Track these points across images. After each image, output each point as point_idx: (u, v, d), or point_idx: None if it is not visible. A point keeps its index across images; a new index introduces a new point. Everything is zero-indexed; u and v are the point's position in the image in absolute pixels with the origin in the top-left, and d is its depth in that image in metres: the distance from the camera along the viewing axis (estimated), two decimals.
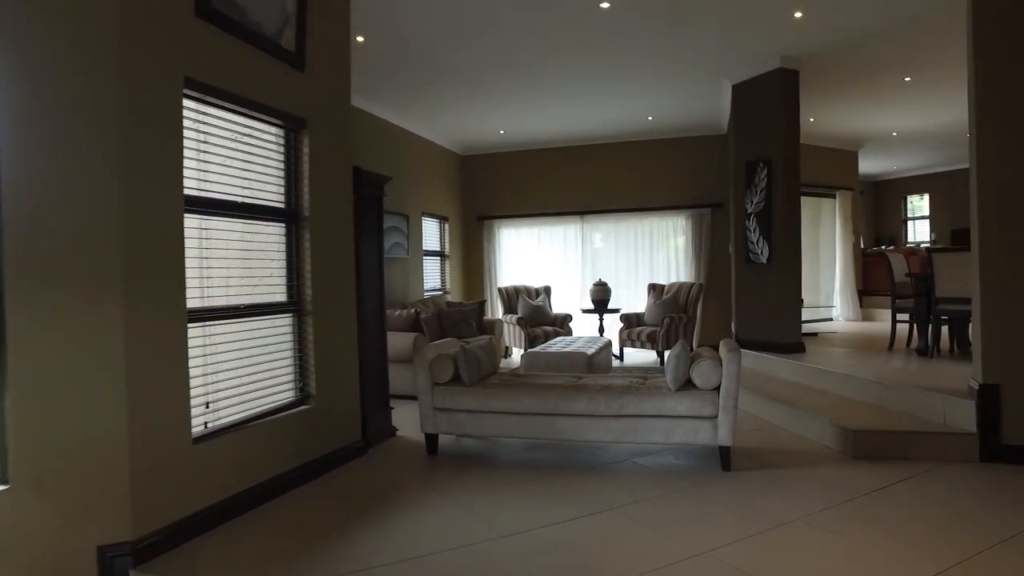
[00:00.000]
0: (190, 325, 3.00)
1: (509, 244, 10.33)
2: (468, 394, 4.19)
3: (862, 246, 11.11)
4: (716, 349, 4.32)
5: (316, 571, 2.61)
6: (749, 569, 2.53)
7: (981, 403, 3.83)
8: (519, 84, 6.94)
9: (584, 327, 9.45)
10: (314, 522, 3.18)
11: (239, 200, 3.46)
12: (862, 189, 11.82)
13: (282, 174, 3.88)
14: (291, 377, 3.86)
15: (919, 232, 13.63)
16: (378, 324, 4.89)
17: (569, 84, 6.99)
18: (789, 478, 3.66)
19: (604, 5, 4.92)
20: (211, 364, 3.21)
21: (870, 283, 10.71)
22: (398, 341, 6.09)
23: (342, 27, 4.38)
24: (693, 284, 8.62)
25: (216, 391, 3.23)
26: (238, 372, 3.40)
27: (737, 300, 7.33)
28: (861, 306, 10.15)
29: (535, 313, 8.97)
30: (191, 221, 3.05)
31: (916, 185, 13.42)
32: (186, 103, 3.00)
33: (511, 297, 9.27)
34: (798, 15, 5.18)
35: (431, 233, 9.37)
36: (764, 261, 6.52)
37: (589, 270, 9.84)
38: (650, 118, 8.53)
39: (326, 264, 4.08)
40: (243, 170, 3.51)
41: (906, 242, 13.39)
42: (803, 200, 6.85)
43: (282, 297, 3.85)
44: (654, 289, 8.94)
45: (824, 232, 10.00)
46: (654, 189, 9.53)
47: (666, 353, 8.26)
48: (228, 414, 3.30)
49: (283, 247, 3.87)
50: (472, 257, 10.38)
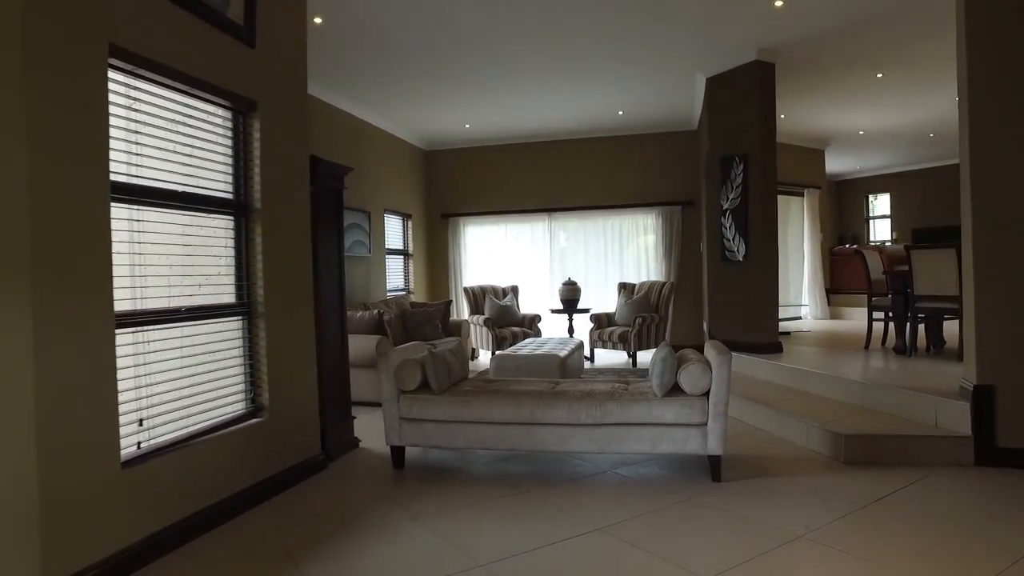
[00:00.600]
0: (120, 331, 2.61)
1: (475, 242, 10.00)
2: (438, 403, 3.86)
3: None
4: (690, 350, 4.09)
5: None
6: None
7: (975, 405, 3.68)
8: (486, 74, 6.62)
9: (553, 328, 9.19)
10: (266, 552, 2.81)
11: (179, 189, 3.06)
12: (826, 188, 11.86)
13: (230, 162, 3.49)
14: (241, 387, 3.48)
15: (879, 231, 13.79)
16: (338, 327, 4.52)
17: (537, 74, 6.70)
18: (783, 488, 3.43)
19: None
20: (146, 375, 2.81)
21: (836, 281, 10.74)
22: (360, 344, 5.72)
23: (298, 1, 4.00)
24: (664, 283, 8.44)
25: (152, 406, 2.83)
26: (179, 383, 3.00)
27: (711, 299, 7.16)
28: (829, 304, 10.15)
29: (503, 313, 8.67)
30: (120, 211, 2.66)
31: (877, 184, 13.57)
32: (113, 75, 2.60)
33: (477, 297, 8.95)
34: (779, 3, 5.00)
35: (394, 231, 8.98)
36: (740, 259, 6.35)
37: (558, 269, 9.59)
38: (620, 112, 8.31)
39: (280, 261, 3.71)
40: (184, 156, 3.12)
41: (868, 241, 13.53)
42: None
43: (230, 298, 3.46)
44: (624, 288, 8.73)
45: (792, 230, 9.96)
46: (623, 186, 9.33)
47: (638, 354, 8.17)
48: (166, 432, 2.90)
49: (231, 243, 3.48)
50: (437, 256, 10.02)
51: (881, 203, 13.84)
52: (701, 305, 8.94)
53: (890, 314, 6.14)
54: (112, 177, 2.55)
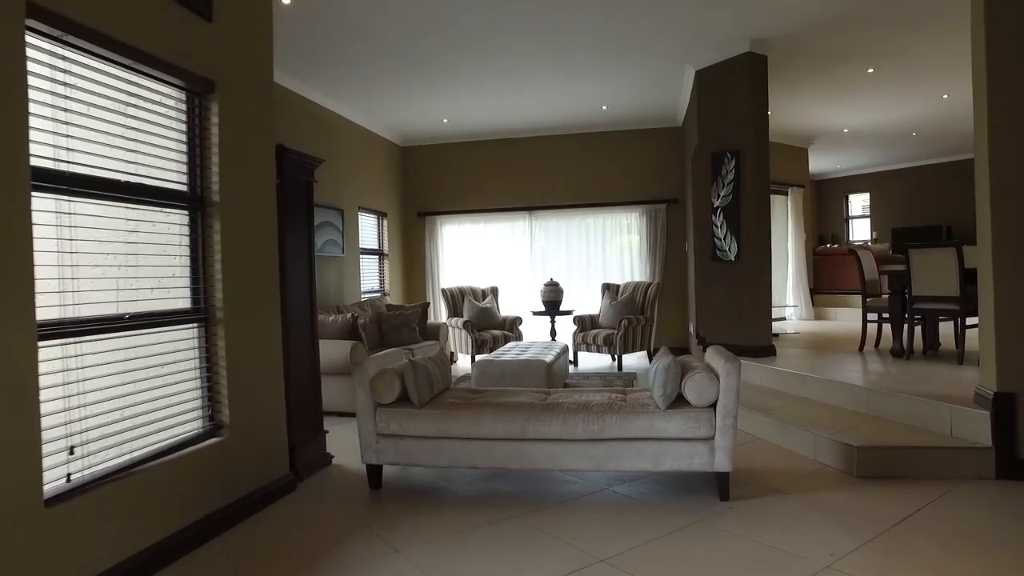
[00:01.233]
0: (44, 343, 2.21)
1: (453, 242, 9.63)
2: (419, 417, 3.51)
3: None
4: (691, 356, 3.81)
5: None
6: None
7: (996, 414, 3.44)
8: (465, 65, 6.27)
9: (535, 330, 8.87)
10: None
11: (121, 179, 2.67)
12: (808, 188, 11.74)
13: (184, 149, 3.09)
14: (197, 404, 3.09)
15: (858, 231, 13.74)
16: (308, 333, 4.14)
17: (518, 65, 6.37)
18: (798, 508, 3.15)
19: None
20: (79, 394, 2.41)
21: (820, 281, 10.61)
22: (333, 350, 5.34)
23: None
24: (650, 284, 8.17)
25: (87, 430, 2.43)
26: (121, 402, 2.61)
27: (699, 300, 6.90)
28: (813, 305, 10.00)
29: (482, 316, 8.33)
30: (44, 203, 2.26)
31: (857, 184, 13.52)
32: (33, 40, 2.21)
33: (456, 299, 8.59)
34: None
35: (368, 230, 8.57)
36: (732, 258, 6.09)
37: (539, 269, 9.26)
38: (604, 107, 8.02)
39: (242, 261, 3.32)
40: (129, 141, 2.72)
41: (848, 241, 13.48)
42: None
43: (185, 303, 3.07)
44: (609, 289, 8.45)
45: (777, 230, 9.74)
46: (607, 184, 9.05)
47: (624, 357, 7.88)
48: (105, 459, 2.51)
49: (186, 240, 3.09)
50: (413, 256, 9.64)
51: (861, 203, 13.80)
52: (687, 306, 8.71)
53: (884, 315, 5.94)
54: (33, 162, 2.15)
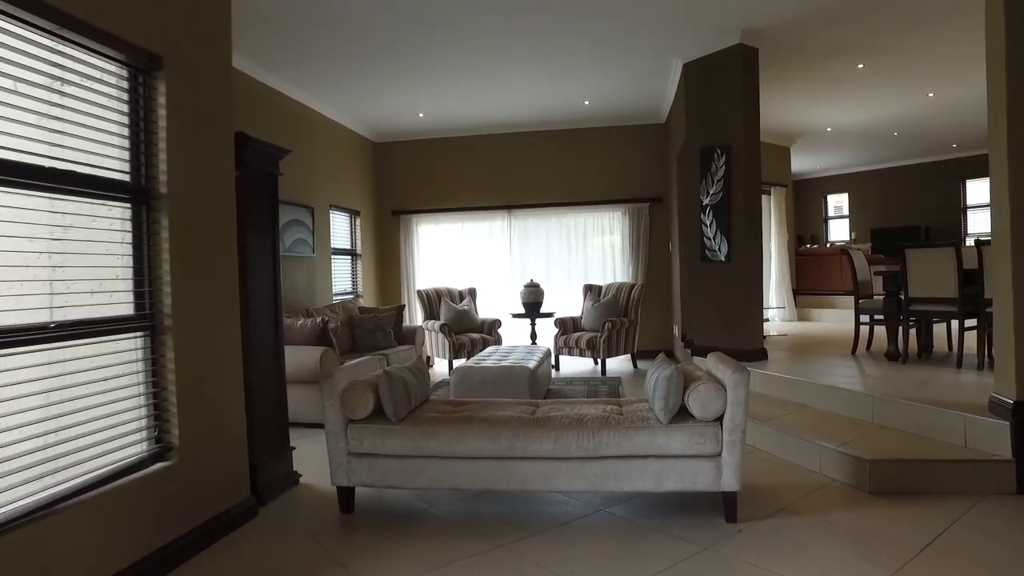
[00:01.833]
0: None
1: (429, 241, 9.27)
2: (395, 434, 3.17)
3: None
4: (693, 365, 3.54)
5: None
6: None
7: (1016, 424, 3.23)
8: (441, 54, 5.91)
9: (515, 333, 8.56)
10: None
11: (45, 165, 2.29)
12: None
13: (126, 133, 2.71)
14: (141, 424, 2.70)
15: (837, 232, 13.71)
16: (272, 340, 3.77)
17: (497, 56, 6.05)
18: (814, 532, 2.88)
19: None
20: None
21: (802, 282, 10.48)
22: (302, 357, 4.98)
23: None
24: (634, 285, 7.91)
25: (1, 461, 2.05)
26: (43, 426, 2.23)
27: (686, 302, 6.66)
28: (796, 306, 9.86)
29: (460, 318, 7.98)
30: None
31: (835, 185, 13.49)
32: None
33: (432, 301, 8.24)
34: None
35: (340, 228, 8.17)
36: (722, 258, 5.85)
37: (518, 270, 8.94)
38: (587, 102, 7.74)
39: (194, 261, 2.95)
40: (56, 122, 2.34)
41: (827, 242, 13.43)
42: None
43: (127, 309, 2.69)
44: (591, 290, 8.17)
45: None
46: (588, 182, 8.77)
47: (608, 361, 7.60)
48: (18, 497, 2.12)
49: (128, 238, 2.71)
50: (387, 256, 9.25)
51: (835, 203, 13.77)
52: (670, 308, 8.48)
53: (877, 317, 5.76)
54: None
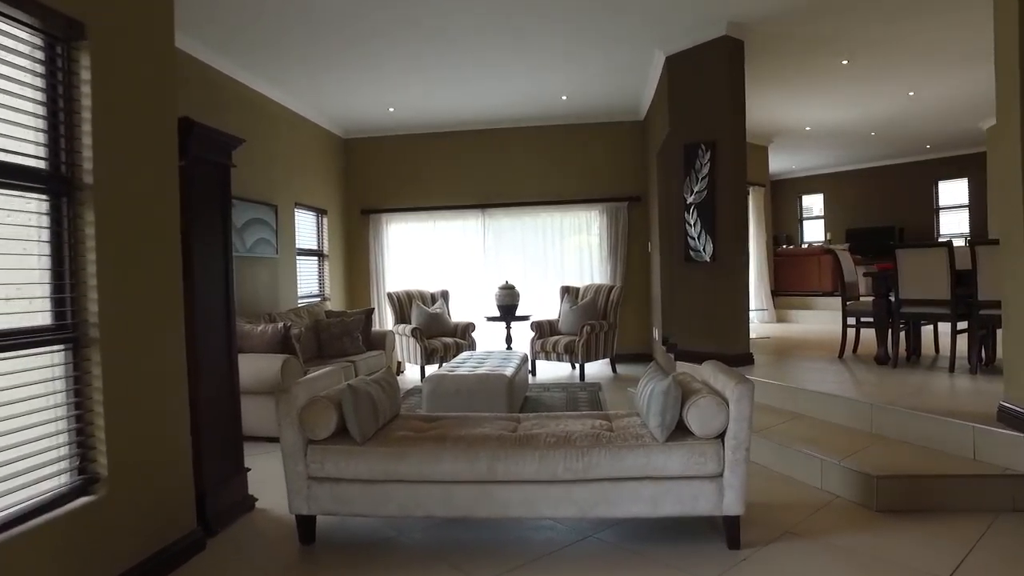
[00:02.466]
0: None
1: (400, 242, 8.90)
2: (361, 456, 2.82)
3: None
4: (689, 376, 3.27)
5: None
6: None
7: None
8: (413, 43, 5.57)
9: (489, 337, 8.24)
10: None
11: None
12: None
13: (42, 113, 2.33)
14: (61, 453, 2.32)
15: (812, 232, 13.68)
16: (224, 348, 3.40)
17: (470, 46, 5.73)
18: (823, 559, 2.62)
19: None
20: None
21: (780, 283, 10.36)
22: (261, 366, 4.61)
23: None
24: (612, 287, 7.66)
25: None
26: None
27: (668, 305, 6.42)
28: (775, 307, 9.73)
29: (432, 322, 7.64)
30: None
31: (810, 185, 13.46)
32: None
33: (403, 304, 7.87)
34: None
35: (306, 228, 7.76)
36: (707, 259, 5.61)
37: (493, 271, 8.62)
38: (564, 97, 7.47)
39: (128, 262, 2.57)
40: None
41: (802, 242, 13.39)
42: None
43: (44, 319, 2.31)
44: (568, 292, 7.90)
45: None
46: (565, 180, 8.50)
47: (587, 366, 7.33)
48: None
49: (46, 235, 2.33)
50: (356, 257, 8.85)
51: (811, 204, 13.74)
52: (649, 310, 8.24)
53: (865, 319, 5.58)
54: None
